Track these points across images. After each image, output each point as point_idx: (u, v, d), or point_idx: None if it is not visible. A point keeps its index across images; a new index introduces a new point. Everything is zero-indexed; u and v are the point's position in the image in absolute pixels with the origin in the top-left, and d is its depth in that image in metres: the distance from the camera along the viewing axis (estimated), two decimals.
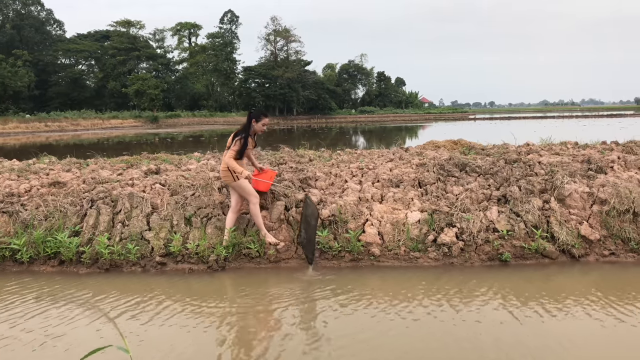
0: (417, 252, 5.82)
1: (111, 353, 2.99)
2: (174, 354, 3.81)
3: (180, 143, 30.34)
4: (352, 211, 6.23)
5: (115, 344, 2.19)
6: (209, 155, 10.32)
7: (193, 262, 5.82)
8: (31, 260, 5.96)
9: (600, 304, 4.56)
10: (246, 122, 5.95)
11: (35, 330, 4.26)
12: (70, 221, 6.31)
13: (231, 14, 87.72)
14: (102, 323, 4.38)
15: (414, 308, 4.56)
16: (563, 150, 8.78)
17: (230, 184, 5.94)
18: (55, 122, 53.53)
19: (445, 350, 3.79)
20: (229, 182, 5.92)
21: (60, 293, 5.15)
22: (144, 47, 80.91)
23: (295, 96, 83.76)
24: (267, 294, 5.03)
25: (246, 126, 5.93)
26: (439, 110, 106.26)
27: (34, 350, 3.92)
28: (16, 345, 3.99)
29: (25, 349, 3.94)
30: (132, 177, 7.57)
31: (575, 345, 3.83)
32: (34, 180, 7.55)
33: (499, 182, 6.89)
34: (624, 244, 5.89)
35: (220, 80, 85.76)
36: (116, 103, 74.30)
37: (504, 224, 5.98)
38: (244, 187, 5.90)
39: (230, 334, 4.16)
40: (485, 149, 9.66)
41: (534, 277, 5.31)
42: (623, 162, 7.35)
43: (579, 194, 6.26)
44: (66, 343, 4.02)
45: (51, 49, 73.55)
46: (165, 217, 6.31)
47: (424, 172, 7.31)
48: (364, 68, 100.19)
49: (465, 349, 3.79)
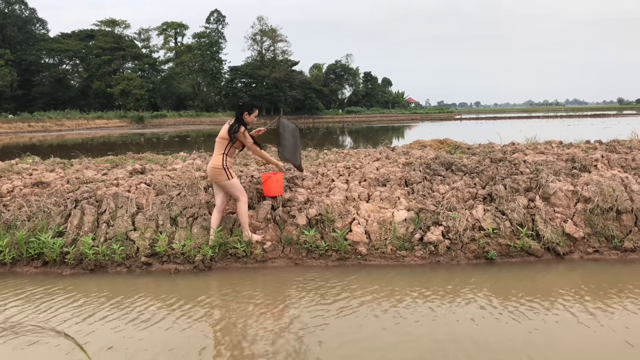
0: (403, 251, 5.83)
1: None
2: (160, 355, 3.77)
3: (166, 143, 30.14)
4: (339, 210, 6.23)
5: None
6: (195, 155, 10.25)
7: (179, 262, 5.78)
8: (14, 261, 5.87)
9: (584, 301, 4.61)
10: (238, 115, 5.80)
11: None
12: (54, 221, 6.23)
13: (217, 13, 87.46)
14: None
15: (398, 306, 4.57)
16: (548, 149, 8.86)
17: (221, 183, 5.83)
18: (39, 123, 52.89)
19: (428, 349, 3.81)
20: (220, 181, 5.81)
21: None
22: (129, 47, 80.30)
23: (282, 96, 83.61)
24: (254, 294, 5.01)
25: (240, 119, 5.80)
26: (426, 110, 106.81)
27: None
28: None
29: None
30: (117, 177, 7.49)
31: (560, 342, 3.86)
32: (16, 180, 7.43)
33: (484, 180, 6.93)
34: (607, 242, 5.96)
35: (206, 80, 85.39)
36: (101, 103, 73.58)
37: (490, 223, 6.02)
38: (236, 186, 5.86)
39: (215, 334, 4.13)
40: (471, 148, 9.72)
41: (519, 274, 5.35)
42: (606, 161, 7.43)
43: (564, 192, 6.32)
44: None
45: (34, 48, 72.60)
46: (151, 217, 6.25)
47: (410, 171, 7.33)
48: (350, 68, 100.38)
49: (450, 348, 3.81)
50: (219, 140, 5.84)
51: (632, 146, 8.73)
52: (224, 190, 5.94)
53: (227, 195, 6.01)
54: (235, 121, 5.80)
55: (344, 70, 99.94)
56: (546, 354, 3.66)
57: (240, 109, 5.84)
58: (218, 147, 5.84)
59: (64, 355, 3.78)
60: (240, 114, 5.81)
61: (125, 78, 71.47)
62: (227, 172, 5.77)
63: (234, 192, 5.89)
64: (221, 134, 5.84)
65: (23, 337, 4.01)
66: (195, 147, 12.71)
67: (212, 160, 5.84)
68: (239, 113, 5.82)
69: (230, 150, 5.84)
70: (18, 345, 3.95)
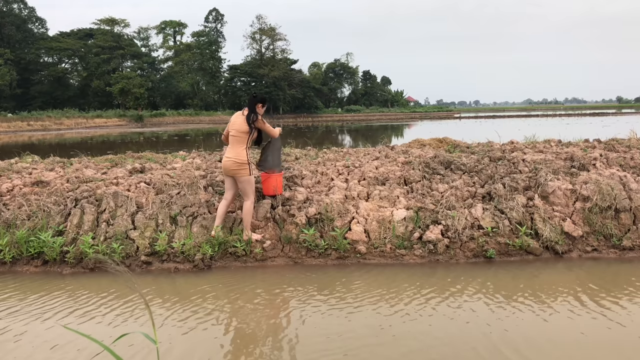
0: (402, 250, 5.85)
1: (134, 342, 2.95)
2: (162, 355, 3.79)
3: (165, 142, 30.13)
4: (338, 209, 6.24)
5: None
6: (195, 153, 10.26)
7: (179, 261, 5.79)
8: (14, 260, 5.88)
9: (583, 299, 4.63)
10: (251, 106, 5.92)
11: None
12: (53, 221, 6.24)
13: (216, 12, 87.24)
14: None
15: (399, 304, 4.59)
16: (547, 148, 8.88)
17: (242, 178, 5.88)
18: (38, 121, 52.79)
19: (428, 347, 3.82)
20: (241, 175, 5.86)
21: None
22: (129, 46, 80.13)
23: (282, 95, 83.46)
24: (253, 293, 5.02)
25: (254, 110, 5.92)
26: (425, 109, 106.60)
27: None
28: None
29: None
30: (117, 176, 7.50)
31: (559, 340, 3.88)
32: (16, 179, 7.44)
33: (483, 179, 6.95)
34: (606, 240, 5.99)
35: (205, 79, 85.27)
36: (100, 102, 73.47)
37: (489, 221, 6.04)
38: (253, 183, 5.96)
39: (215, 333, 4.15)
40: (470, 147, 9.73)
41: (518, 273, 5.37)
42: (605, 160, 7.45)
43: (562, 191, 6.33)
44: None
45: (33, 47, 72.43)
46: (151, 216, 6.26)
47: (409, 170, 7.34)
48: (349, 67, 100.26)
49: (458, 346, 3.82)
50: (238, 134, 5.87)
51: (631, 145, 8.75)
52: (238, 186, 5.98)
53: (237, 193, 6.07)
54: (250, 111, 5.90)
55: (343, 69, 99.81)
56: (545, 352, 3.67)
57: (254, 100, 5.98)
58: (239, 142, 5.88)
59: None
60: (254, 105, 5.94)
61: (125, 77, 71.31)
62: (250, 167, 5.87)
63: (247, 189, 5.94)
64: (239, 127, 5.87)
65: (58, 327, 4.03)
66: (195, 146, 12.73)
67: (234, 155, 5.84)
68: (252, 104, 5.94)
69: (250, 143, 5.95)
70: (39, 346, 3.96)
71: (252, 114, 5.88)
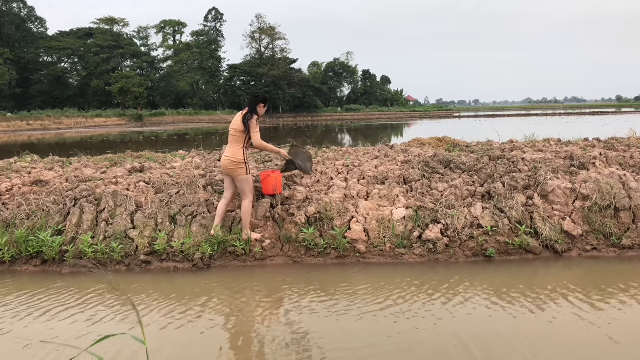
0: (402, 249, 5.85)
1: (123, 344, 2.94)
2: (160, 354, 3.78)
3: (165, 141, 30.12)
4: (337, 208, 6.24)
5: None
6: (194, 153, 10.26)
7: (178, 260, 5.79)
8: (13, 260, 5.88)
9: (582, 298, 4.63)
10: (251, 105, 5.90)
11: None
12: (52, 220, 6.23)
13: (215, 11, 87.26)
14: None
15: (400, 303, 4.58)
16: (546, 147, 8.88)
17: (239, 177, 5.86)
18: (38, 121, 52.78)
19: (429, 347, 3.82)
20: (238, 175, 5.85)
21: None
22: (128, 45, 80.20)
23: (281, 94, 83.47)
24: (253, 292, 5.02)
25: (254, 109, 5.90)
26: (424, 108, 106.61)
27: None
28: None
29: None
30: (116, 176, 7.49)
31: (558, 339, 3.88)
32: (15, 179, 7.43)
33: (483, 178, 6.95)
34: (605, 239, 5.98)
35: (205, 78, 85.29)
36: (100, 101, 73.51)
37: (488, 220, 6.03)
38: (250, 183, 5.93)
39: (214, 333, 4.14)
40: (469, 146, 9.74)
41: (518, 272, 5.37)
42: (605, 159, 7.45)
43: (562, 190, 6.33)
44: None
45: (33, 46, 72.47)
46: (150, 215, 6.26)
47: (409, 169, 7.34)
48: (349, 66, 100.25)
49: (451, 345, 3.82)
50: (235, 133, 5.87)
51: (630, 144, 8.75)
52: (236, 185, 5.97)
53: (236, 192, 6.06)
54: (249, 111, 5.88)
55: (343, 69, 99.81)
56: (544, 351, 3.67)
57: (255, 99, 5.96)
58: (236, 141, 5.87)
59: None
60: (255, 104, 5.92)
61: (124, 76, 71.31)
62: (247, 166, 5.83)
63: (245, 189, 5.92)
64: (236, 127, 5.86)
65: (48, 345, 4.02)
66: (194, 146, 12.72)
67: (231, 154, 5.85)
68: (253, 104, 5.92)
69: (247, 143, 5.91)
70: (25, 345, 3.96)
71: (247, 114, 5.86)
